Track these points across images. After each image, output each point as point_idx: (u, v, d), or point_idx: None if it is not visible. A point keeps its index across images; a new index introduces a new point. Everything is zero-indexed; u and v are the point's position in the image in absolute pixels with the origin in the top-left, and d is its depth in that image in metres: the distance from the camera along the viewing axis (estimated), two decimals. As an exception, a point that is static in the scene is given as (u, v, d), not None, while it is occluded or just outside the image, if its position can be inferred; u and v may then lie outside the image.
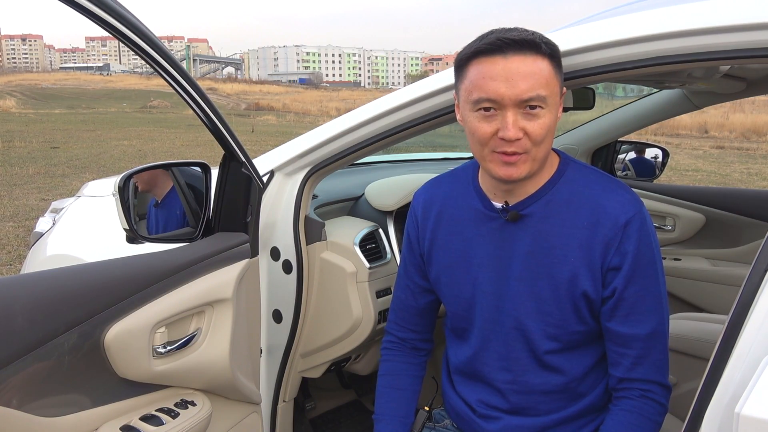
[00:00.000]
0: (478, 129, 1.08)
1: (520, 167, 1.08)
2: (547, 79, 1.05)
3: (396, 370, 1.38)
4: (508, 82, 1.03)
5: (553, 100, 1.07)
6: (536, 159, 1.09)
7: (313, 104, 43.53)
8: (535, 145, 1.07)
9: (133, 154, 12.91)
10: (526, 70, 1.03)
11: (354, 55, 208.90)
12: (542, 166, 1.13)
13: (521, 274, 1.17)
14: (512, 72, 1.03)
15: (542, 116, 1.05)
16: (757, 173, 11.57)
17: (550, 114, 1.06)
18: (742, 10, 0.97)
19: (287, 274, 1.60)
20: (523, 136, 1.05)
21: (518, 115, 1.05)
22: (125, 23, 0.99)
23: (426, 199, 1.32)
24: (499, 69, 1.03)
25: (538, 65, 1.04)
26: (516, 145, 1.06)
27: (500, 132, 1.05)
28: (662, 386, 1.16)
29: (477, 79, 1.06)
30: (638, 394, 1.15)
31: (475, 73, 1.06)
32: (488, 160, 1.10)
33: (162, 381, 1.20)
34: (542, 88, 1.03)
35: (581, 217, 1.13)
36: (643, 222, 1.12)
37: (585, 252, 1.12)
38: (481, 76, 1.05)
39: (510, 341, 1.21)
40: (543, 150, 1.09)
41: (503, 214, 1.18)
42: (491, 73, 1.04)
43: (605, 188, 1.15)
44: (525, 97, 1.03)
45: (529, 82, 1.03)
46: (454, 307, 1.28)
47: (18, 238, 5.65)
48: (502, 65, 1.03)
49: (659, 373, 1.15)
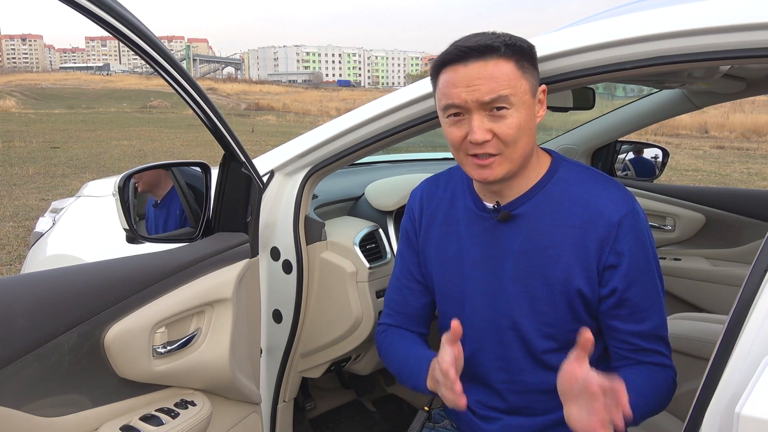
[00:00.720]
0: (450, 134, 1.12)
1: (495, 169, 1.10)
2: (510, 80, 1.06)
3: (399, 334, 1.35)
4: (469, 87, 1.06)
5: (520, 99, 1.07)
6: (512, 159, 1.10)
7: (313, 104, 43.54)
8: (507, 145, 1.08)
9: (133, 154, 12.91)
10: (486, 74, 1.06)
11: (354, 55, 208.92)
12: (524, 165, 1.14)
13: (514, 274, 1.17)
14: (472, 77, 1.06)
15: (509, 116, 1.07)
16: (757, 173, 11.57)
17: (519, 113, 1.07)
18: (742, 10, 0.97)
19: (287, 274, 1.60)
20: (491, 138, 1.07)
21: (484, 117, 1.07)
22: (125, 23, 0.99)
23: (422, 197, 1.33)
24: (460, 76, 1.07)
25: (499, 68, 1.06)
26: (486, 147, 1.08)
27: (468, 135, 1.09)
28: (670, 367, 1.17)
29: (443, 87, 1.10)
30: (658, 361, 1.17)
31: (442, 82, 1.11)
32: (465, 163, 1.14)
33: (162, 381, 1.20)
34: (504, 89, 1.05)
35: (574, 216, 1.14)
36: (636, 219, 1.12)
37: (579, 251, 1.13)
38: (446, 84, 1.10)
39: (506, 341, 1.21)
40: (519, 150, 1.10)
41: (494, 214, 1.19)
42: (453, 80, 1.08)
43: (597, 186, 1.16)
44: (486, 99, 1.06)
45: (489, 85, 1.05)
46: (445, 306, 1.28)
47: (18, 238, 5.65)
48: (463, 72, 1.07)
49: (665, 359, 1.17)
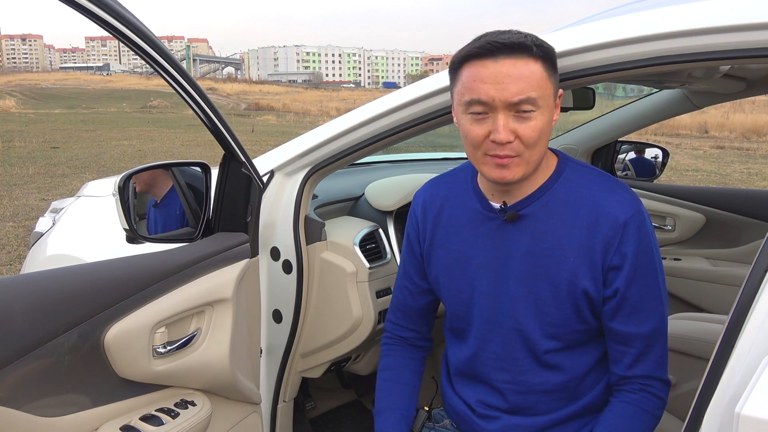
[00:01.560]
0: (470, 132, 1.08)
1: (513, 170, 1.08)
2: (539, 82, 1.04)
3: (396, 364, 1.38)
4: (498, 84, 1.03)
5: (546, 102, 1.06)
6: (530, 162, 1.09)
7: (313, 104, 43.53)
8: (527, 147, 1.07)
9: (133, 154, 12.91)
10: (516, 73, 1.03)
11: (354, 55, 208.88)
12: (538, 167, 1.13)
13: (520, 274, 1.17)
14: (502, 75, 1.03)
15: (534, 119, 1.05)
16: (757, 173, 11.57)
17: (543, 116, 1.06)
18: (742, 10, 0.97)
19: (287, 274, 1.60)
20: (514, 139, 1.05)
21: (509, 117, 1.05)
22: (125, 23, 0.99)
23: (425, 200, 1.32)
24: (489, 72, 1.04)
25: (529, 68, 1.04)
26: (508, 148, 1.06)
27: (491, 135, 1.06)
28: (662, 381, 1.17)
29: (468, 81, 1.06)
30: (638, 387, 1.16)
31: (467, 76, 1.07)
32: (481, 162, 1.11)
33: (162, 381, 1.20)
34: (533, 91, 1.03)
35: (580, 217, 1.13)
36: (642, 221, 1.12)
37: (585, 252, 1.12)
38: (472, 79, 1.06)
39: (508, 341, 1.21)
40: (537, 152, 1.09)
41: (501, 215, 1.18)
42: (481, 76, 1.04)
43: (604, 188, 1.15)
44: (515, 100, 1.03)
45: (519, 85, 1.03)
46: (453, 307, 1.28)
47: (18, 238, 5.65)
48: (493, 68, 1.04)
49: (660, 369, 1.17)
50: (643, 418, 1.15)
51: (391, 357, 1.39)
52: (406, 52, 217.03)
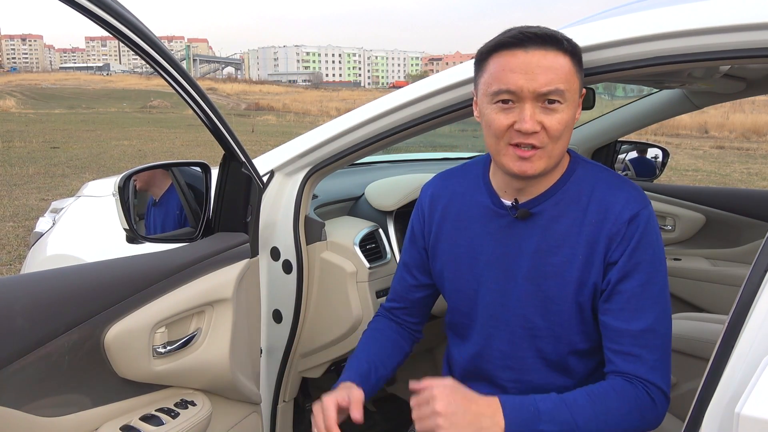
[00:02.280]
0: (495, 120, 1.07)
1: (535, 163, 1.07)
2: (567, 75, 1.05)
3: (381, 326, 1.36)
4: (527, 74, 1.03)
5: (572, 97, 1.07)
6: (552, 156, 1.08)
7: (313, 104, 43.53)
8: (552, 140, 1.06)
9: (133, 154, 12.91)
10: (546, 64, 1.03)
11: (354, 55, 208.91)
12: (557, 164, 1.13)
13: (529, 272, 1.16)
14: (532, 65, 1.03)
15: (560, 111, 1.05)
16: (757, 173, 11.57)
17: (568, 110, 1.06)
18: (742, 10, 0.97)
19: (287, 274, 1.60)
20: (540, 130, 1.05)
21: (536, 108, 1.05)
22: (125, 23, 0.99)
23: (434, 193, 1.31)
24: (519, 62, 1.04)
25: (558, 60, 1.04)
26: (533, 138, 1.05)
27: (517, 124, 1.05)
28: (657, 387, 1.09)
29: (497, 71, 1.06)
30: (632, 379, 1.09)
31: (495, 65, 1.07)
32: (503, 153, 1.09)
33: (162, 381, 1.20)
34: (561, 83, 1.04)
35: (590, 216, 1.13)
36: (647, 219, 1.11)
37: (591, 249, 1.12)
38: (501, 69, 1.05)
39: (515, 340, 1.20)
40: (560, 147, 1.08)
41: (512, 212, 1.18)
42: (511, 65, 1.04)
43: (612, 185, 1.15)
44: (543, 90, 1.03)
45: (548, 76, 1.03)
46: (456, 302, 1.27)
47: (18, 238, 5.65)
48: (523, 58, 1.04)
49: (652, 373, 1.09)
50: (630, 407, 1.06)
51: (378, 323, 1.38)
52: (406, 52, 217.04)
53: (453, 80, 1.29)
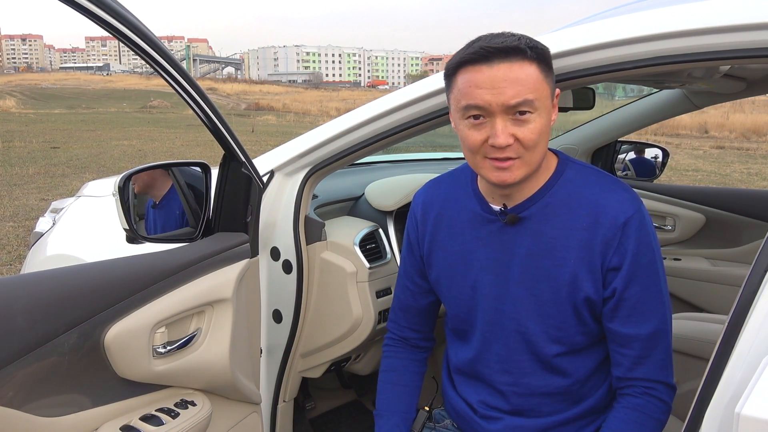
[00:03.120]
0: (469, 137, 1.08)
1: (513, 172, 1.08)
2: (535, 84, 1.04)
3: (397, 366, 1.39)
4: (494, 89, 1.03)
5: (543, 104, 1.06)
6: (530, 163, 1.09)
7: (313, 104, 43.53)
8: (527, 150, 1.06)
9: (133, 154, 12.91)
10: (512, 77, 1.02)
11: (354, 55, 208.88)
12: (538, 169, 1.13)
13: (521, 276, 1.17)
14: (498, 79, 1.02)
15: (532, 121, 1.05)
16: (757, 173, 11.57)
17: (541, 118, 1.06)
18: (742, 10, 0.97)
19: (287, 274, 1.60)
20: (513, 142, 1.05)
21: (507, 121, 1.04)
22: (125, 23, 0.99)
23: (425, 201, 1.32)
24: (484, 77, 1.03)
25: (524, 71, 1.03)
26: (507, 151, 1.05)
27: (490, 140, 1.05)
28: (666, 385, 1.16)
29: (464, 87, 1.06)
30: (641, 391, 1.15)
31: (462, 81, 1.07)
32: (481, 167, 1.10)
33: (162, 381, 1.20)
34: (529, 93, 1.03)
35: (580, 218, 1.13)
36: (642, 221, 1.12)
37: (585, 253, 1.12)
38: (467, 85, 1.05)
39: (511, 344, 1.20)
40: (537, 154, 1.08)
41: (502, 217, 1.18)
42: (477, 81, 1.04)
43: (604, 188, 1.15)
44: (512, 103, 1.03)
45: (515, 89, 1.02)
46: (454, 309, 1.28)
47: (18, 238, 5.65)
48: (488, 73, 1.03)
49: (662, 373, 1.15)
50: (648, 424, 1.14)
51: (393, 359, 1.40)
52: (406, 52, 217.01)
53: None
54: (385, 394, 1.37)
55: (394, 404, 1.35)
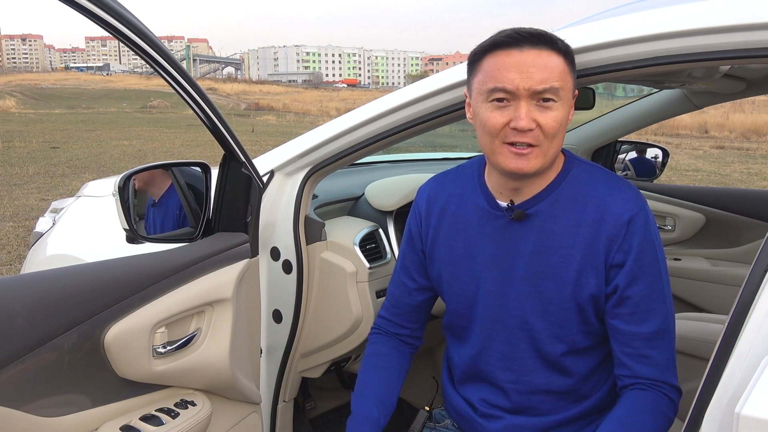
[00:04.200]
0: (491, 119, 1.08)
1: (531, 161, 1.08)
2: (561, 74, 1.06)
3: (382, 351, 1.36)
4: (522, 73, 1.04)
5: (566, 96, 1.07)
6: (547, 154, 1.09)
7: (313, 104, 43.52)
8: (547, 138, 1.07)
9: (133, 154, 12.91)
10: (541, 63, 1.04)
11: (354, 55, 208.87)
12: (552, 163, 1.13)
13: (526, 273, 1.17)
14: (527, 64, 1.04)
15: (555, 109, 1.06)
16: (757, 173, 11.57)
17: (563, 109, 1.07)
18: (742, 10, 0.97)
19: (287, 274, 1.60)
20: (535, 128, 1.06)
21: (531, 106, 1.05)
22: (125, 23, 0.99)
23: (430, 195, 1.31)
24: (514, 60, 1.05)
25: (552, 60, 1.05)
26: (528, 136, 1.06)
27: (512, 122, 1.06)
28: (671, 386, 1.14)
29: (492, 70, 1.07)
30: (650, 385, 1.13)
31: (490, 64, 1.08)
32: (498, 152, 1.10)
33: (162, 381, 1.20)
34: (556, 81, 1.05)
35: (586, 215, 1.13)
36: (646, 219, 1.12)
37: (590, 251, 1.12)
38: (496, 68, 1.06)
39: (514, 341, 1.20)
40: (555, 146, 1.09)
41: (508, 213, 1.18)
42: (506, 64, 1.05)
43: (609, 186, 1.15)
44: (539, 88, 1.04)
45: (543, 74, 1.04)
46: (455, 304, 1.27)
47: (18, 238, 5.65)
48: (518, 57, 1.05)
49: (666, 373, 1.14)
50: (657, 416, 1.11)
51: (378, 344, 1.38)
52: (406, 52, 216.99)
53: (453, 80, 1.29)
54: (366, 376, 1.33)
55: (374, 385, 1.31)
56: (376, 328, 1.42)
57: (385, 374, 1.33)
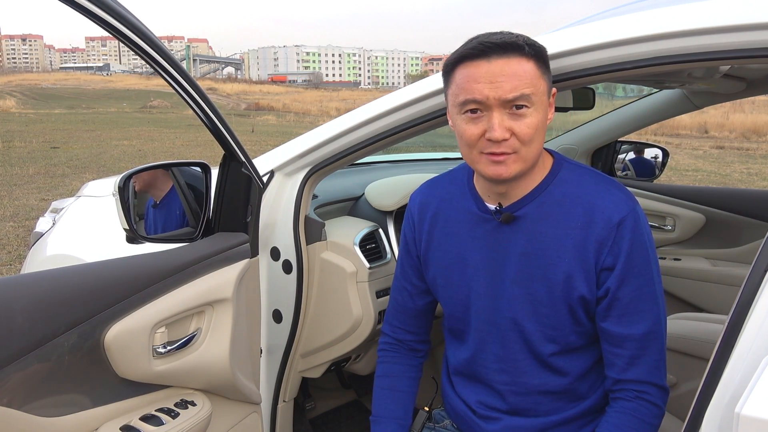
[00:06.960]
0: (466, 131, 1.09)
1: (509, 166, 1.08)
2: (532, 79, 1.05)
3: (393, 371, 1.38)
4: (492, 83, 1.04)
5: (540, 100, 1.07)
6: (526, 159, 1.09)
7: (313, 104, 43.52)
8: (523, 144, 1.07)
9: (133, 154, 12.91)
10: (509, 71, 1.04)
11: (354, 55, 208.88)
12: (534, 166, 1.13)
13: (516, 275, 1.17)
14: (496, 74, 1.04)
15: (529, 116, 1.06)
16: (757, 173, 11.57)
17: (537, 114, 1.07)
18: (742, 10, 0.97)
19: (287, 274, 1.60)
20: (510, 137, 1.06)
21: (504, 115, 1.06)
22: (125, 23, 0.99)
23: (422, 201, 1.32)
24: (482, 71, 1.05)
25: (522, 66, 1.05)
26: (504, 145, 1.06)
27: (487, 133, 1.06)
28: (658, 387, 1.15)
29: (462, 82, 1.08)
30: (633, 395, 1.14)
31: (461, 76, 1.08)
32: (478, 161, 1.11)
33: (162, 381, 1.20)
34: (526, 88, 1.05)
35: (575, 218, 1.13)
36: (636, 221, 1.12)
37: (579, 253, 1.12)
38: (466, 80, 1.07)
39: (507, 343, 1.21)
40: (533, 150, 1.09)
41: (497, 216, 1.18)
42: (475, 75, 1.06)
43: (598, 188, 1.15)
44: (509, 97, 1.04)
45: (512, 83, 1.04)
46: (450, 308, 1.28)
47: (18, 238, 5.65)
48: (486, 68, 1.05)
49: (654, 375, 1.14)
50: (639, 428, 1.14)
51: (389, 364, 1.39)
52: (406, 52, 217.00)
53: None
54: (381, 400, 1.36)
55: (391, 410, 1.34)
56: (383, 342, 1.42)
57: (400, 396, 1.36)
